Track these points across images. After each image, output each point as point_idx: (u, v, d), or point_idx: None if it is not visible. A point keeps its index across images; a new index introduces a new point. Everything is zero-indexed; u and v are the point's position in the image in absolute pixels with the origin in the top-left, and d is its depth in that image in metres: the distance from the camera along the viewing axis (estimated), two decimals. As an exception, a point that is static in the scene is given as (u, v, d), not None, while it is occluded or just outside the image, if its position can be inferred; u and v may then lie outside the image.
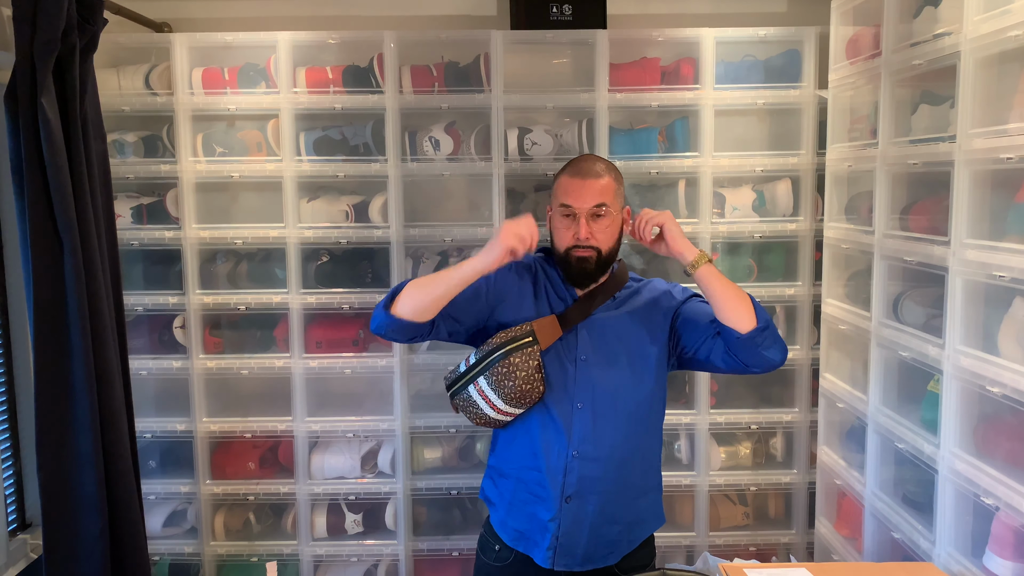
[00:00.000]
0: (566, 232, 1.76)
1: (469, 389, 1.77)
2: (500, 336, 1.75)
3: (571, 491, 1.77)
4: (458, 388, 1.80)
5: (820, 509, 2.60)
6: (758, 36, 2.63)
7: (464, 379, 1.78)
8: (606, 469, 1.77)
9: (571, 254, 1.76)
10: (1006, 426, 1.73)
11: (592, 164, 1.78)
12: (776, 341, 1.70)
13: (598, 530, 1.79)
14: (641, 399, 1.80)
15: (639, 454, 1.83)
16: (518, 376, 1.72)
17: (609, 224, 1.75)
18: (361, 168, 2.64)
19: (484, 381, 1.74)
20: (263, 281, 2.72)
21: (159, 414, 2.73)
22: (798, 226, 2.68)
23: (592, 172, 1.75)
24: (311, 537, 2.76)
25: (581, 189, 1.74)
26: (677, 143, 2.67)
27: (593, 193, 1.73)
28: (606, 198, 1.74)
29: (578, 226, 1.73)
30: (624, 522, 1.82)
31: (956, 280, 1.80)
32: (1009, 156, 1.62)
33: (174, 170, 2.63)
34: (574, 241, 1.74)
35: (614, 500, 1.79)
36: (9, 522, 2.32)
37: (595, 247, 1.75)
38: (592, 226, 1.74)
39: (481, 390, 1.75)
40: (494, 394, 1.74)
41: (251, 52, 2.65)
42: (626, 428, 1.79)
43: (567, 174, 1.78)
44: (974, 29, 1.73)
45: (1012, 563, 1.64)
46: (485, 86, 2.61)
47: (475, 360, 1.77)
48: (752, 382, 2.82)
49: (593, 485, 1.77)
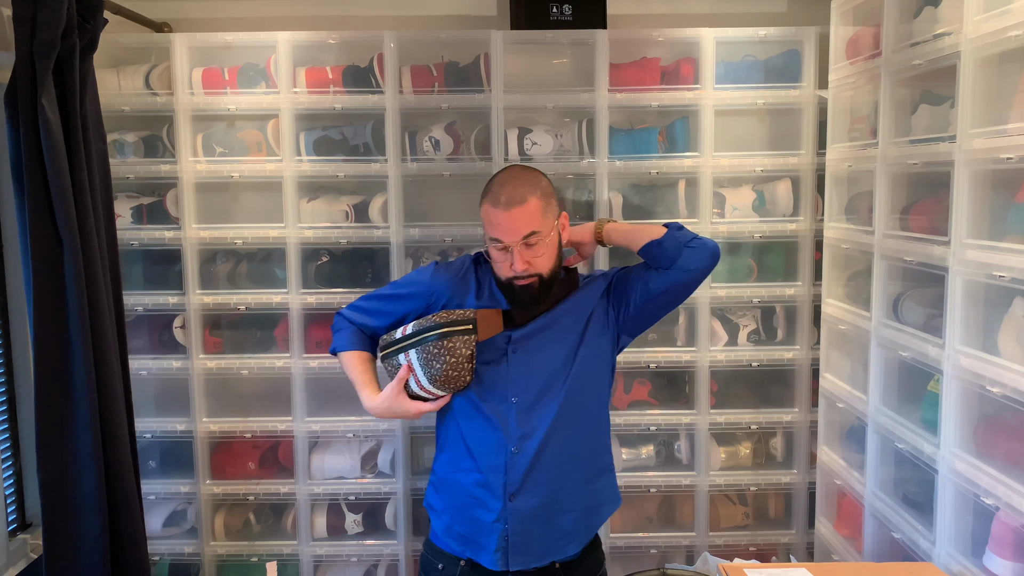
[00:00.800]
0: (503, 264, 1.72)
1: (399, 357, 1.74)
2: (442, 315, 1.72)
3: (514, 488, 1.73)
4: (389, 353, 1.77)
5: (820, 509, 2.60)
6: (758, 36, 2.63)
7: (397, 346, 1.75)
8: (550, 461, 1.74)
9: (514, 284, 1.72)
10: (1006, 426, 1.73)
11: (514, 188, 1.67)
12: (697, 236, 1.74)
13: (552, 522, 1.76)
14: (579, 385, 1.76)
15: (584, 439, 1.80)
16: (448, 360, 1.69)
17: (545, 249, 1.70)
18: (361, 168, 2.64)
19: (414, 354, 1.72)
20: (263, 281, 2.72)
21: (159, 414, 2.73)
22: (798, 226, 2.68)
23: (515, 199, 1.66)
24: (311, 537, 2.76)
25: (507, 222, 1.66)
26: (677, 143, 2.67)
27: (521, 224, 1.66)
28: (535, 224, 1.67)
29: (514, 259, 1.68)
30: (580, 509, 1.79)
31: (956, 280, 1.80)
32: (1009, 156, 1.62)
33: (174, 170, 2.63)
34: (512, 273, 1.70)
35: (564, 489, 1.76)
36: (9, 522, 2.32)
37: (535, 273, 1.70)
38: (527, 255, 1.68)
39: (410, 362, 1.72)
40: (420, 370, 1.71)
41: (251, 52, 2.65)
42: (566, 416, 1.75)
43: (489, 203, 1.69)
44: (974, 29, 1.73)
45: (1012, 563, 1.64)
46: (485, 86, 2.61)
47: (411, 331, 1.73)
48: (752, 382, 2.82)
49: (538, 478, 1.74)
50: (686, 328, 2.75)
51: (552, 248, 1.73)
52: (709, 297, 2.69)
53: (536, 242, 1.68)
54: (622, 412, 2.75)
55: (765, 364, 2.73)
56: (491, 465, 1.74)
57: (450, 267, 1.87)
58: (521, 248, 1.67)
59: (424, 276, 1.86)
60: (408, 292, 1.85)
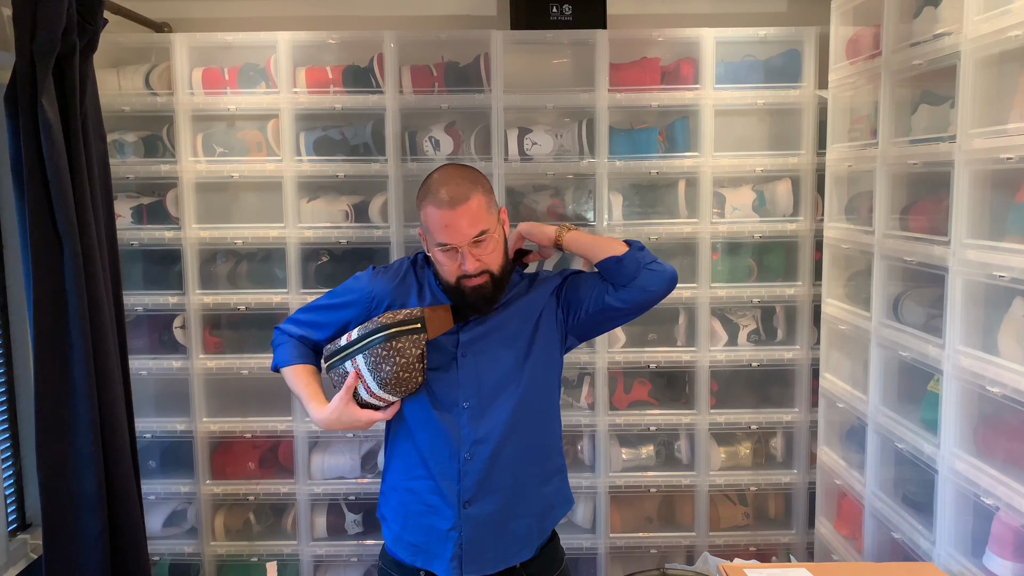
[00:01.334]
0: (450, 266, 1.64)
1: (346, 365, 1.65)
2: (387, 316, 1.63)
3: (468, 496, 1.68)
4: (335, 362, 1.68)
5: (820, 509, 2.60)
6: (758, 36, 2.63)
7: (342, 354, 1.66)
8: (503, 466, 1.69)
9: (463, 285, 1.64)
10: (1006, 426, 1.73)
11: (456, 186, 1.61)
12: (657, 260, 1.72)
13: (505, 527, 1.72)
14: (531, 387, 1.72)
15: (537, 443, 1.75)
16: (398, 362, 1.60)
17: (494, 245, 1.64)
18: (361, 168, 2.64)
19: (362, 360, 1.63)
20: (263, 281, 2.72)
21: (159, 414, 2.73)
22: (798, 226, 2.68)
23: (460, 197, 1.59)
24: (311, 537, 2.76)
25: (455, 223, 1.59)
26: (677, 143, 2.67)
27: (469, 223, 1.59)
28: (483, 222, 1.61)
29: (463, 260, 1.61)
30: (533, 514, 1.75)
31: (956, 280, 1.80)
32: (1009, 156, 1.62)
33: (174, 170, 2.63)
34: (462, 272, 1.63)
35: (518, 495, 1.72)
36: (9, 522, 2.32)
37: (486, 271, 1.64)
38: (476, 253, 1.62)
39: (358, 369, 1.64)
40: (369, 375, 1.63)
41: (251, 52, 2.65)
42: (519, 419, 1.71)
43: (431, 204, 1.61)
44: (974, 29, 1.73)
45: (1012, 563, 1.64)
46: (485, 86, 2.61)
47: (356, 337, 1.64)
48: (752, 382, 2.83)
49: (492, 484, 1.70)
50: (686, 328, 2.75)
51: (499, 244, 1.67)
52: (709, 297, 2.69)
53: (485, 239, 1.62)
54: (622, 412, 2.75)
55: (765, 364, 2.73)
56: (444, 472, 1.69)
57: (388, 270, 1.81)
58: (470, 248, 1.61)
59: (362, 282, 1.80)
60: (346, 300, 1.78)
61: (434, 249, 1.65)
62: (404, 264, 1.82)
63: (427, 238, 1.67)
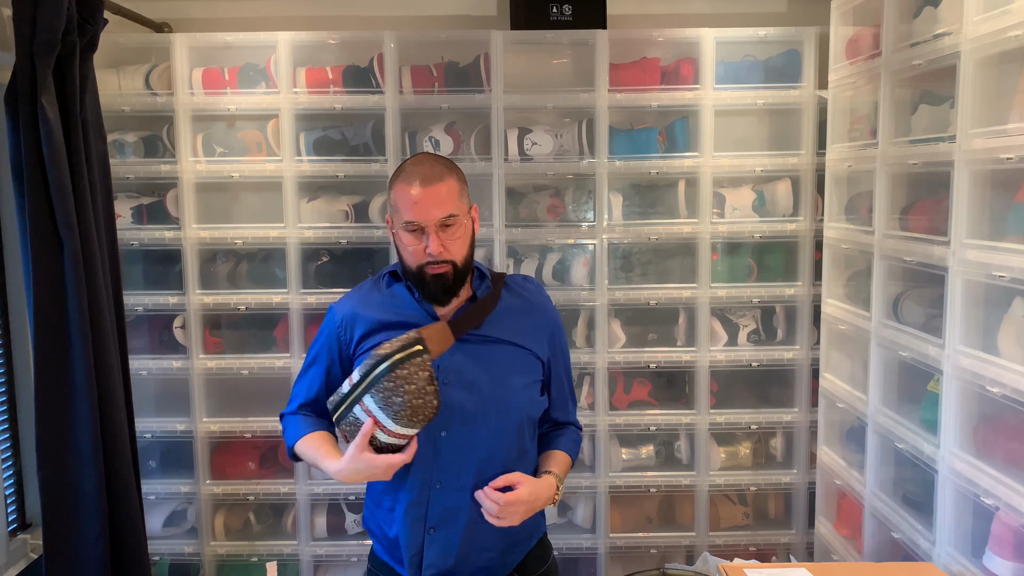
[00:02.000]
0: (415, 249, 1.58)
1: (355, 411, 1.54)
2: (385, 347, 1.52)
3: (434, 522, 1.64)
4: (343, 411, 1.56)
5: (820, 509, 2.60)
6: (758, 36, 2.64)
7: (349, 400, 1.55)
8: (471, 498, 1.63)
9: (425, 271, 1.59)
10: (1006, 426, 1.73)
11: (430, 167, 1.58)
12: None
13: (467, 558, 1.68)
14: (511, 420, 1.67)
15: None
16: (408, 390, 1.49)
17: (461, 233, 1.59)
18: (361, 168, 2.64)
19: (371, 400, 1.52)
20: (263, 281, 2.72)
21: (159, 414, 2.73)
22: (798, 226, 2.68)
23: (433, 177, 1.56)
24: (311, 537, 2.76)
25: (425, 200, 1.54)
26: (677, 143, 2.67)
27: (438, 202, 1.55)
28: (453, 206, 1.57)
29: (428, 240, 1.55)
30: (496, 549, 1.68)
31: (956, 280, 1.80)
32: (1009, 156, 1.62)
33: (174, 170, 2.63)
34: (426, 258, 1.57)
35: (482, 528, 1.66)
36: (9, 522, 2.32)
37: (449, 260, 1.58)
38: (442, 237, 1.56)
39: (368, 410, 1.53)
40: (382, 413, 1.52)
41: (251, 52, 2.65)
42: (494, 452, 1.66)
43: (403, 182, 1.57)
44: (974, 29, 1.73)
45: (1012, 563, 1.64)
46: (485, 86, 2.61)
47: (359, 378, 1.53)
48: (752, 382, 2.83)
49: (458, 515, 1.65)
50: (686, 328, 2.75)
51: (467, 236, 1.62)
52: (709, 297, 2.69)
53: (453, 224, 1.57)
54: (622, 412, 2.75)
55: (765, 364, 2.73)
56: (416, 499, 1.65)
57: (348, 295, 1.78)
58: (437, 229, 1.56)
59: (326, 319, 1.76)
60: (321, 344, 1.73)
61: (399, 230, 1.59)
62: (366, 283, 1.78)
63: (394, 219, 1.61)
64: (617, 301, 2.70)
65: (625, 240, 2.69)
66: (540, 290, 1.81)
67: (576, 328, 2.73)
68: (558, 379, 1.79)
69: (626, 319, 2.76)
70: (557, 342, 1.78)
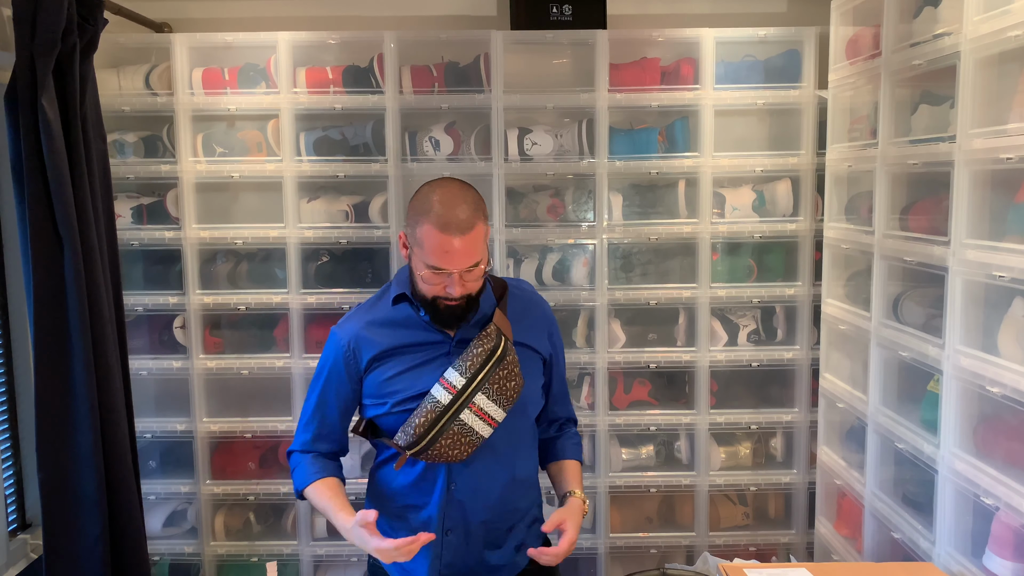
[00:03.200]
0: (435, 285, 1.58)
1: (462, 416, 1.59)
2: (474, 348, 1.60)
3: (451, 524, 1.68)
4: (446, 423, 1.59)
5: (820, 509, 2.60)
6: (758, 36, 2.63)
7: (455, 407, 1.59)
8: (486, 499, 1.68)
9: (439, 303, 1.60)
10: (1006, 426, 1.73)
11: (463, 211, 1.53)
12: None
13: (480, 557, 1.71)
14: (527, 421, 1.73)
15: (521, 477, 1.73)
16: (514, 372, 1.62)
17: (479, 275, 1.60)
18: (361, 168, 2.64)
19: (483, 397, 1.59)
20: (263, 281, 2.72)
21: (159, 414, 2.73)
22: (798, 226, 2.68)
23: (466, 226, 1.52)
24: (311, 537, 2.76)
25: (457, 253, 1.52)
26: (677, 143, 2.67)
27: (469, 254, 1.54)
28: (479, 253, 1.56)
29: (451, 284, 1.56)
30: (509, 547, 1.73)
31: (956, 280, 1.80)
32: (1009, 156, 1.62)
33: (174, 170, 2.63)
34: (444, 293, 1.58)
35: (495, 529, 1.71)
36: (9, 522, 2.32)
37: (466, 295, 1.60)
38: (465, 278, 1.57)
39: (479, 409, 1.59)
40: (494, 405, 1.61)
41: (251, 52, 2.65)
42: (509, 455, 1.69)
43: (434, 226, 1.51)
44: (974, 29, 1.73)
45: (1012, 563, 1.64)
46: (485, 86, 2.61)
47: (466, 380, 1.58)
48: (752, 382, 2.83)
49: (473, 516, 1.67)
50: (686, 328, 2.75)
51: (482, 272, 1.62)
52: (709, 297, 2.69)
53: (476, 269, 1.57)
54: (622, 412, 2.75)
55: (765, 364, 2.73)
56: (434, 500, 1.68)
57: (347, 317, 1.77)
58: (461, 274, 1.55)
59: (329, 343, 1.75)
60: (328, 370, 1.72)
61: (422, 267, 1.57)
62: (366, 303, 1.77)
63: (415, 251, 1.58)
64: (617, 301, 2.70)
65: (625, 240, 2.69)
66: (532, 289, 1.85)
67: (576, 328, 2.73)
68: (559, 374, 1.83)
69: (626, 319, 2.76)
70: (556, 336, 1.81)
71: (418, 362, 1.67)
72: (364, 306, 1.76)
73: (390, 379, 1.67)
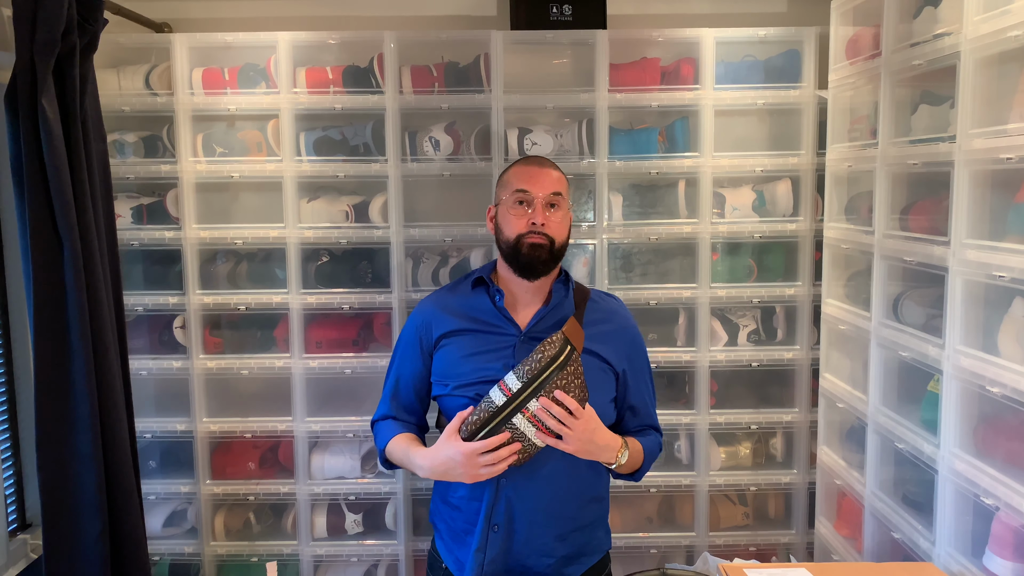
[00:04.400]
0: (519, 220, 1.71)
1: (515, 420, 1.57)
2: (538, 351, 1.58)
3: (498, 519, 1.68)
4: (497, 424, 1.58)
5: (820, 509, 2.60)
6: (758, 36, 2.63)
7: (508, 411, 1.57)
8: (538, 497, 1.68)
9: (523, 241, 1.69)
10: (1006, 426, 1.73)
11: (543, 160, 1.79)
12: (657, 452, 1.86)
13: (523, 561, 1.70)
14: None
15: (580, 483, 1.74)
16: (578, 384, 1.59)
17: (562, 218, 1.74)
18: (361, 168, 2.64)
19: (537, 404, 1.57)
20: (263, 281, 2.72)
21: (159, 414, 2.73)
22: (798, 226, 2.68)
23: (547, 163, 1.77)
24: (311, 537, 2.76)
25: (539, 176, 1.73)
26: (677, 143, 2.67)
27: (551, 181, 1.73)
28: (562, 188, 1.74)
29: (534, 212, 1.69)
30: (557, 556, 1.72)
31: (956, 280, 1.80)
32: (1009, 156, 1.62)
33: (174, 170, 2.63)
34: (528, 227, 1.69)
35: (543, 532, 1.70)
36: (9, 522, 2.32)
37: (548, 235, 1.70)
38: (547, 214, 1.70)
39: (532, 416, 1.57)
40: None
41: (251, 52, 2.65)
42: (566, 465, 1.69)
43: (520, 164, 1.78)
44: (974, 29, 1.73)
45: (1012, 563, 1.64)
46: (485, 86, 2.61)
47: (520, 386, 1.56)
48: (752, 382, 2.83)
49: (522, 514, 1.68)
50: (686, 328, 2.75)
51: (567, 223, 1.76)
52: (709, 297, 2.69)
53: (558, 203, 1.72)
54: (622, 412, 2.75)
55: (765, 364, 2.73)
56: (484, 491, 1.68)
57: (430, 297, 1.86)
58: (544, 205, 1.70)
59: (411, 317, 1.84)
60: (406, 342, 1.82)
61: (506, 205, 1.73)
62: (449, 284, 1.88)
63: (502, 198, 1.75)
64: (617, 301, 2.70)
65: (625, 240, 2.69)
66: (621, 303, 1.87)
67: (576, 328, 2.73)
68: (636, 392, 1.82)
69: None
70: (637, 353, 1.82)
71: (484, 348, 1.72)
72: (446, 287, 1.87)
73: (455, 360, 1.73)
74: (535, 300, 1.77)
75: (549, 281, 1.78)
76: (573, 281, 1.83)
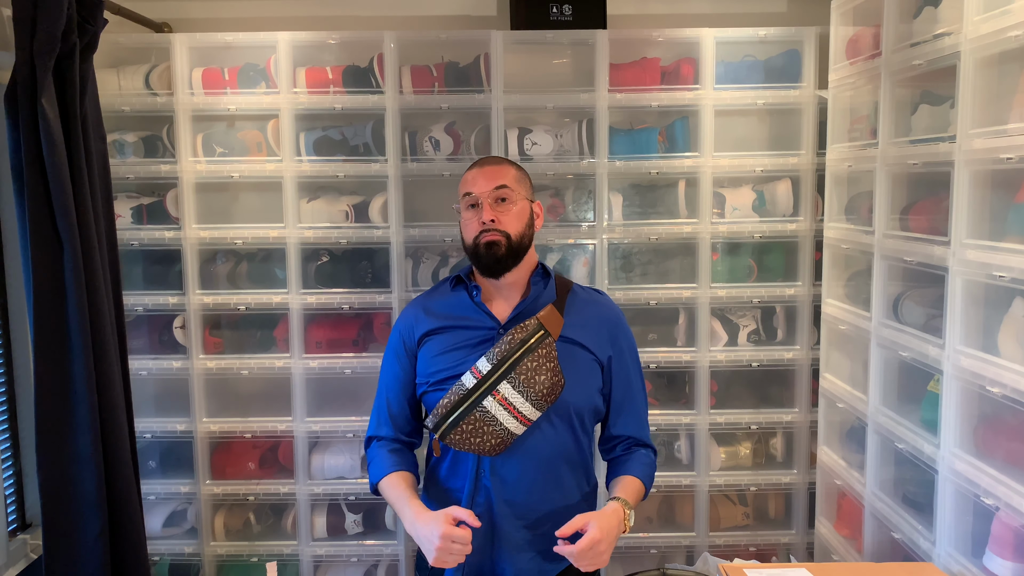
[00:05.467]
0: (471, 222, 1.74)
1: (485, 403, 1.60)
2: (508, 337, 1.64)
3: (479, 511, 1.69)
4: (467, 408, 1.62)
5: (820, 509, 2.60)
6: (758, 36, 2.63)
7: (477, 393, 1.61)
8: (514, 494, 1.69)
9: (478, 241, 1.72)
10: (1006, 426, 1.73)
11: (492, 159, 1.82)
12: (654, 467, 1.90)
13: (508, 556, 1.70)
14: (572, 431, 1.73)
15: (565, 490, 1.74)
16: (549, 367, 1.62)
17: (516, 211, 1.74)
18: (361, 168, 2.64)
19: (508, 387, 1.60)
20: (263, 281, 2.72)
21: (159, 414, 2.73)
22: (798, 226, 2.68)
23: (491, 161, 1.80)
24: (311, 537, 2.76)
25: (481, 175, 1.75)
26: (677, 143, 2.67)
27: (492, 176, 1.74)
28: (506, 180, 1.74)
29: (482, 211, 1.71)
30: (536, 550, 1.72)
31: (956, 280, 1.80)
32: (1009, 156, 1.62)
33: (174, 170, 2.63)
34: (480, 227, 1.72)
35: (526, 527, 1.71)
36: (9, 522, 2.32)
37: (502, 231, 1.71)
38: (496, 210, 1.72)
39: (504, 399, 1.59)
40: (521, 398, 1.60)
41: (251, 52, 2.65)
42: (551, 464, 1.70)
43: (468, 169, 1.81)
44: (974, 29, 1.73)
45: (1012, 563, 1.64)
46: (485, 86, 2.61)
47: (492, 366, 1.61)
48: (752, 382, 2.83)
49: (503, 508, 1.69)
50: (686, 328, 2.75)
51: (523, 215, 1.75)
52: (709, 297, 2.69)
53: (506, 196, 1.73)
54: (622, 412, 2.75)
55: (765, 364, 2.73)
56: (466, 487, 1.71)
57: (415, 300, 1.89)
58: (492, 203, 1.71)
59: (398, 321, 1.87)
60: (392, 348, 1.84)
61: (462, 207, 1.77)
62: (434, 286, 1.92)
63: (458, 206, 1.79)
64: (617, 301, 2.69)
65: (625, 240, 2.69)
66: (606, 296, 1.88)
67: (576, 328, 2.73)
68: (622, 384, 1.80)
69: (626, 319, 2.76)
70: (623, 343, 1.81)
71: (463, 343, 1.74)
72: (427, 291, 1.90)
73: (435, 356, 1.75)
74: (513, 294, 1.79)
75: (524, 275, 1.79)
76: (554, 273, 1.84)
